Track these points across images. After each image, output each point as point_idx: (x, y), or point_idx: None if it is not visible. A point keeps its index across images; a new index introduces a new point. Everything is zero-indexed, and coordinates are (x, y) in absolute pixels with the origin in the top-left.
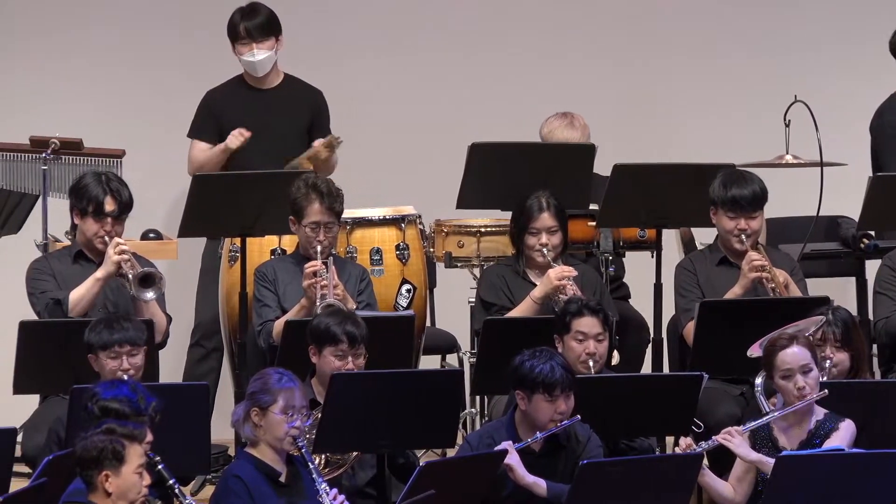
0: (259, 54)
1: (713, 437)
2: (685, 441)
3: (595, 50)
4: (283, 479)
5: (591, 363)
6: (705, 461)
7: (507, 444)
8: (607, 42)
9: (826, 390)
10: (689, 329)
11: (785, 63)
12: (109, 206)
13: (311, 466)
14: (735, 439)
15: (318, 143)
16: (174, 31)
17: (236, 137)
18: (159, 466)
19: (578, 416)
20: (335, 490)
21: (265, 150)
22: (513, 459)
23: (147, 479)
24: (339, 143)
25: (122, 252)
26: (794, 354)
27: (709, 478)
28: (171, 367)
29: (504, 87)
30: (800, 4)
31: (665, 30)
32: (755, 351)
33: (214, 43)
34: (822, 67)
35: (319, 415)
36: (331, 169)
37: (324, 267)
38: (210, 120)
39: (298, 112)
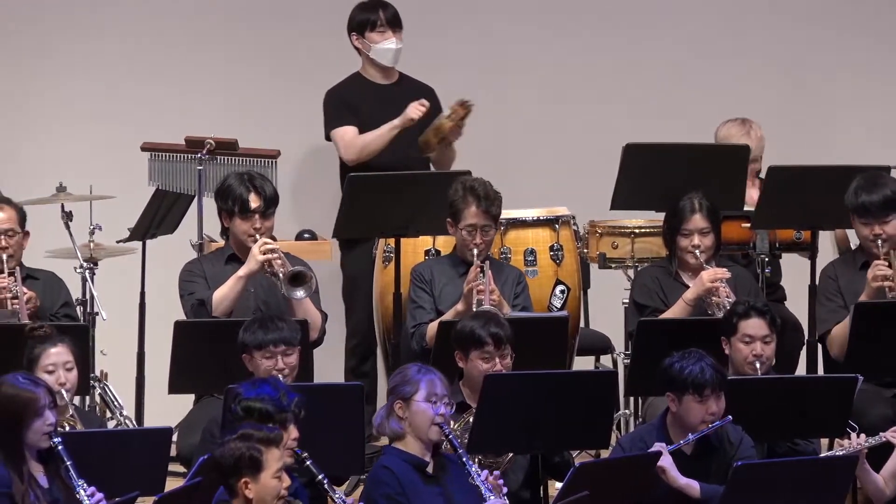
0: (399, 43)
1: (880, 434)
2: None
3: (749, 50)
4: (430, 469)
5: (757, 365)
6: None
7: (660, 447)
8: (762, 42)
9: None
10: (831, 337)
11: None
12: (254, 202)
13: (460, 451)
14: None
15: (443, 116)
16: (329, 34)
17: (417, 109)
18: (307, 462)
19: (730, 417)
20: (486, 472)
21: (387, 146)
22: (666, 461)
23: (286, 481)
24: (469, 109)
25: (269, 251)
26: None
27: (865, 469)
28: (330, 367)
29: (659, 88)
30: None
31: (823, 30)
32: None
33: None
34: None
35: (469, 418)
36: (449, 162)
37: (481, 273)
38: (346, 109)
39: None
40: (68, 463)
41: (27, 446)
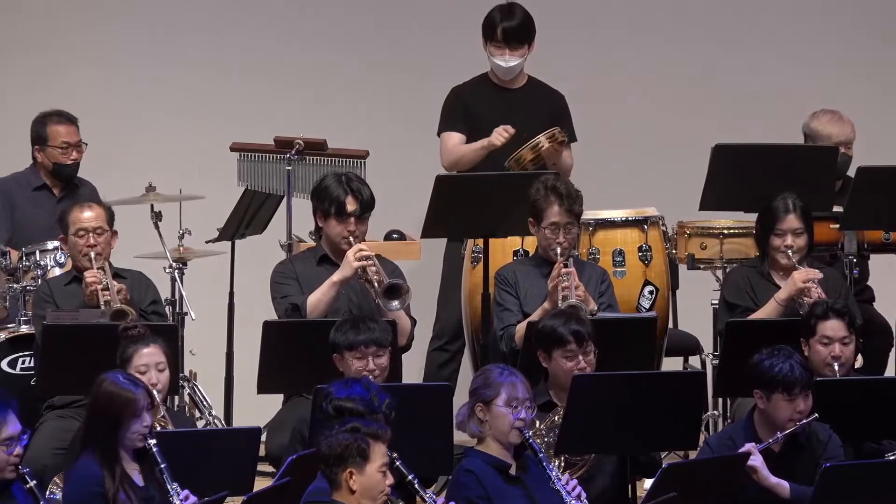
0: (511, 61)
1: None
2: None
3: (836, 49)
4: (512, 471)
5: (836, 367)
6: None
7: (749, 446)
8: (848, 40)
9: None
10: None
11: None
12: (351, 205)
13: (541, 455)
14: None
15: (541, 135)
16: (417, 33)
17: (500, 135)
18: (397, 463)
19: (816, 415)
20: (566, 476)
21: (509, 150)
22: (756, 461)
23: (390, 479)
24: (563, 138)
25: (364, 258)
26: None
27: None
28: (414, 367)
29: (748, 88)
30: None
31: None
32: None
33: (457, 44)
34: None
35: (556, 417)
36: (566, 169)
37: (565, 269)
38: (462, 114)
39: (541, 114)
40: (162, 465)
41: (122, 446)
